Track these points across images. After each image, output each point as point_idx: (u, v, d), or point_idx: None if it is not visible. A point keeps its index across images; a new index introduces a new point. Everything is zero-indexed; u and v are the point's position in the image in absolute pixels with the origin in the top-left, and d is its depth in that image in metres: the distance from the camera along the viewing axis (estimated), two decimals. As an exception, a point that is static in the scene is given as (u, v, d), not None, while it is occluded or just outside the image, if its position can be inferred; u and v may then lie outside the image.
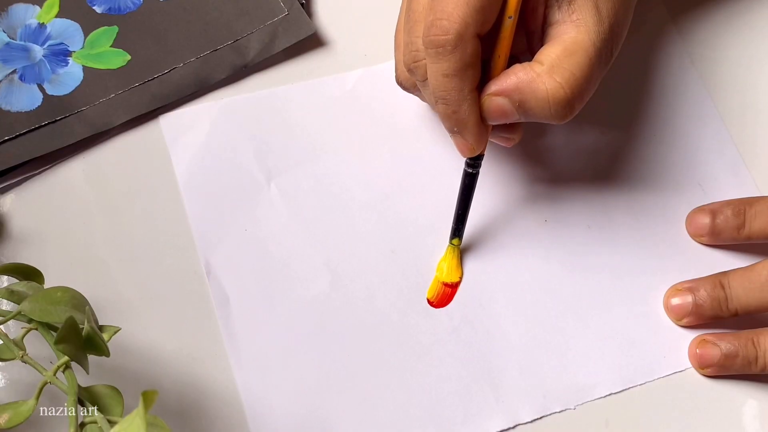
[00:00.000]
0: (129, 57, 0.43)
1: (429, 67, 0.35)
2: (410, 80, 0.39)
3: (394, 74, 0.41)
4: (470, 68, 0.34)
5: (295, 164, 0.42)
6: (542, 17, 0.37)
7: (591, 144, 0.44)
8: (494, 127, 0.38)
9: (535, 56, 0.36)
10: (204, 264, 0.40)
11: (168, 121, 0.43)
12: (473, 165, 0.39)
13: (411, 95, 0.41)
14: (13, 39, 0.44)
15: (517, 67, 0.35)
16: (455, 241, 0.41)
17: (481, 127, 0.36)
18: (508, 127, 0.38)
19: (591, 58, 0.35)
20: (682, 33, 0.48)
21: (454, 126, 0.36)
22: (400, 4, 0.40)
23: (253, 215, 0.41)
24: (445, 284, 0.41)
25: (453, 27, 0.33)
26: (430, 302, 0.40)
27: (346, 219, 0.42)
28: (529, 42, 0.38)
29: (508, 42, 0.35)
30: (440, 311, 0.40)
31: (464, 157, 0.38)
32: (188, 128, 0.43)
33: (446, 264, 0.41)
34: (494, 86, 0.35)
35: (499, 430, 0.38)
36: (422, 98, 0.40)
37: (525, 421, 0.38)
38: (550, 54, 0.35)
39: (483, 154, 0.38)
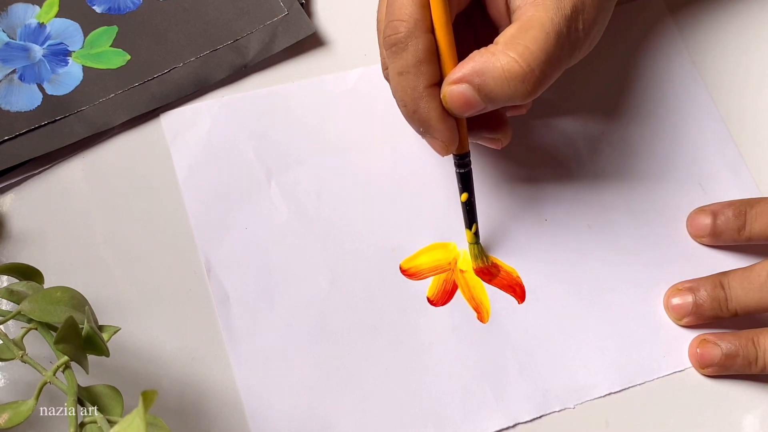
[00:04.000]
0: (129, 57, 0.43)
1: (389, 69, 0.35)
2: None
3: None
4: (424, 64, 0.34)
5: (295, 162, 0.42)
6: (505, 8, 0.37)
7: (592, 144, 0.44)
8: (476, 126, 0.38)
9: (494, 40, 0.35)
10: (204, 262, 0.40)
11: (169, 118, 0.43)
12: (461, 164, 0.38)
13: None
14: (12, 39, 0.44)
15: (474, 53, 0.35)
16: (471, 238, 0.41)
17: (446, 123, 0.36)
18: (491, 127, 0.38)
19: (548, 33, 0.34)
20: (683, 33, 0.48)
21: (419, 126, 0.36)
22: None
23: (254, 213, 0.41)
24: (480, 271, 0.41)
25: (403, 25, 0.34)
26: (430, 301, 0.40)
27: (346, 218, 0.42)
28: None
29: (444, 27, 0.35)
30: (440, 310, 0.40)
31: (442, 156, 0.38)
32: (189, 126, 0.43)
33: (471, 255, 0.41)
34: (452, 75, 0.35)
35: (499, 429, 0.38)
36: None
37: (524, 420, 0.38)
38: (506, 33, 0.35)
39: (468, 152, 0.38)
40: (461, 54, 0.35)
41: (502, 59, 0.34)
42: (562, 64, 0.36)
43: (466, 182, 0.39)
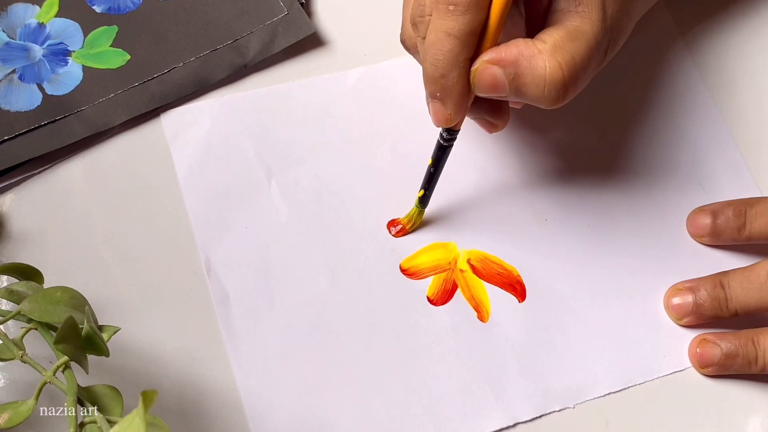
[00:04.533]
0: (129, 57, 0.43)
1: (433, 23, 0.34)
2: (413, 39, 0.38)
3: (394, 72, 0.41)
4: (473, 36, 0.34)
5: (295, 162, 0.42)
6: (546, 4, 0.36)
7: (592, 143, 0.44)
8: (480, 108, 0.37)
9: (537, 36, 0.35)
10: (204, 261, 0.40)
11: (169, 118, 0.43)
12: (448, 138, 0.38)
13: (409, 94, 0.41)
14: (12, 39, 0.44)
15: (519, 40, 0.35)
16: (417, 201, 0.41)
17: (464, 98, 0.35)
18: (495, 111, 0.37)
19: (591, 49, 0.35)
20: (684, 34, 0.48)
21: (438, 91, 0.35)
22: (399, 3, 0.40)
23: (254, 213, 0.41)
24: (398, 223, 0.41)
25: None
26: (430, 300, 0.40)
27: (346, 217, 0.42)
28: (528, 29, 0.38)
29: (506, 10, 0.34)
30: (440, 309, 0.40)
31: (438, 126, 0.37)
32: (189, 125, 0.43)
33: (412, 222, 0.41)
34: (493, 54, 0.34)
35: (499, 428, 0.38)
36: (419, 60, 0.39)
37: (524, 420, 0.38)
38: (553, 35, 0.35)
39: (459, 129, 0.38)
40: None
41: (548, 61, 0.34)
42: (588, 80, 0.36)
43: (442, 155, 0.39)
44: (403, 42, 0.39)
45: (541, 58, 0.34)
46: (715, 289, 0.40)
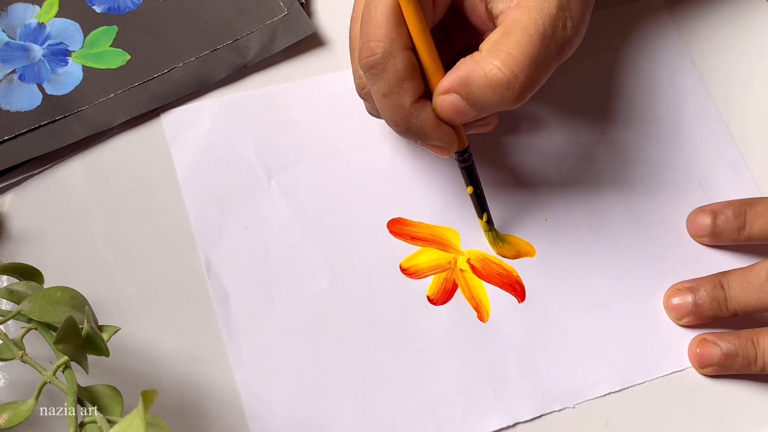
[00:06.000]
0: (129, 56, 0.43)
1: (371, 90, 0.35)
2: (374, 109, 0.39)
3: None
4: (406, 81, 0.34)
5: (295, 162, 0.43)
6: (486, 13, 0.36)
7: (592, 144, 0.44)
8: (469, 124, 0.37)
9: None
10: (204, 261, 0.40)
11: (169, 118, 0.43)
12: (463, 160, 0.39)
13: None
14: (12, 39, 0.44)
15: (460, 61, 0.34)
16: (485, 226, 0.41)
17: (441, 130, 0.36)
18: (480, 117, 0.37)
19: (531, 36, 0.34)
20: (682, 33, 0.48)
21: (416, 139, 0.36)
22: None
23: (254, 212, 0.41)
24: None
25: (379, 45, 0.33)
26: (430, 300, 0.40)
27: (346, 217, 0.42)
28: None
29: (424, 40, 0.34)
30: (440, 309, 0.40)
31: (444, 157, 0.38)
32: (189, 125, 0.43)
33: (488, 241, 0.42)
34: (441, 85, 0.35)
35: (499, 428, 0.38)
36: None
37: (524, 420, 0.38)
38: (490, 39, 0.34)
39: (467, 147, 0.38)
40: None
41: (485, 67, 0.33)
42: (551, 65, 0.35)
43: (469, 175, 0.39)
44: (369, 114, 0.41)
45: (479, 67, 0.34)
46: (714, 289, 0.40)
